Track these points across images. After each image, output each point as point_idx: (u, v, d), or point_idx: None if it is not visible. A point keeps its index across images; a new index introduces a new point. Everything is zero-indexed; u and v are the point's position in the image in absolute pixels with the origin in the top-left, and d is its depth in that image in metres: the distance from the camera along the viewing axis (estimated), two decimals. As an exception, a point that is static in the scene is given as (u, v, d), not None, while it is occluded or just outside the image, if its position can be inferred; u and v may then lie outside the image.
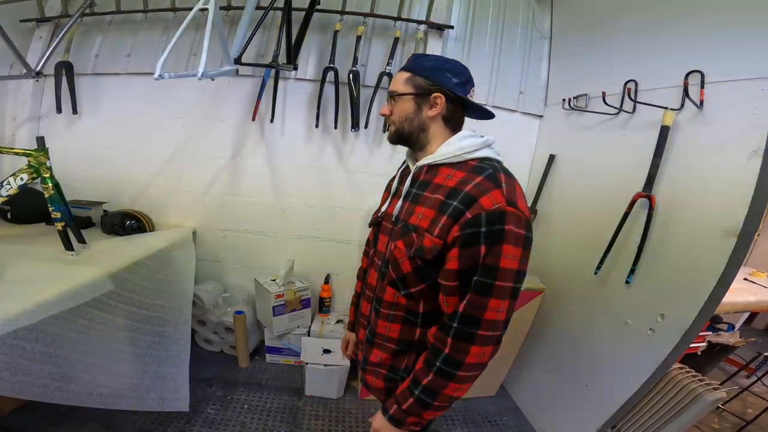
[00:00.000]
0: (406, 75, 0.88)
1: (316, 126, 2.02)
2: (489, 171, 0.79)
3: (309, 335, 2.17)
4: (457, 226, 0.75)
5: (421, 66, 0.88)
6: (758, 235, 2.80)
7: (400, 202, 0.92)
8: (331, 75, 1.94)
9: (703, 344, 1.97)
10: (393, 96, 0.90)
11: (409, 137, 0.91)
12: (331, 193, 2.18)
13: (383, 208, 1.00)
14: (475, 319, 0.75)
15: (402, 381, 0.91)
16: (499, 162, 0.85)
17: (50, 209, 1.39)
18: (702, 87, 1.22)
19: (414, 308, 0.89)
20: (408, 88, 0.87)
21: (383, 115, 0.94)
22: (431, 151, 0.89)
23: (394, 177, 1.08)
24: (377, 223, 1.02)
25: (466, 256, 0.75)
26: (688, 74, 1.26)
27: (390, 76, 1.93)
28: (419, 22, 1.95)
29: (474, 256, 0.74)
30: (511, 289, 0.75)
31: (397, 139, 0.93)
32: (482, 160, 0.83)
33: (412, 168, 0.93)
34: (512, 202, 0.74)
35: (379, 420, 0.91)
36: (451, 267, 0.77)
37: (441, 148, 0.87)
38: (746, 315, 2.79)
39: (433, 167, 0.88)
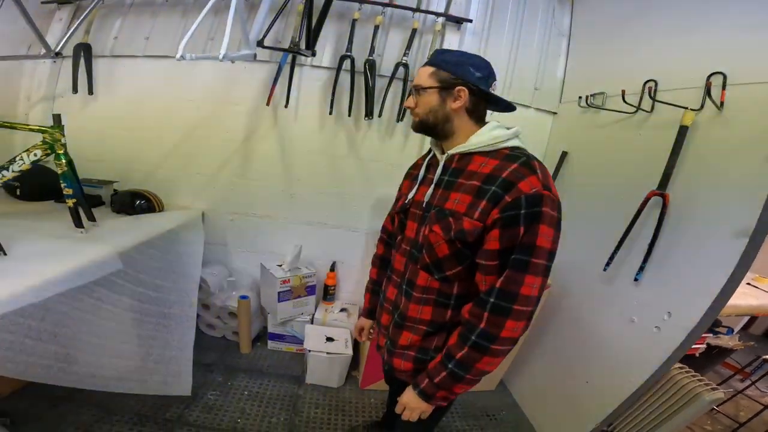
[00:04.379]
0: (430, 69, 0.93)
1: (330, 113, 2.02)
2: (523, 158, 0.84)
3: (312, 323, 2.18)
4: (497, 209, 0.80)
5: (444, 61, 0.92)
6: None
7: (431, 189, 0.97)
8: (347, 63, 1.93)
9: (703, 346, 2.00)
10: (418, 89, 0.94)
11: (434, 128, 0.96)
12: (342, 180, 2.18)
13: (410, 196, 1.03)
14: (512, 294, 0.80)
15: (432, 360, 0.96)
16: (527, 151, 0.90)
17: (62, 186, 1.38)
18: (723, 88, 1.22)
19: (447, 290, 0.95)
20: (432, 82, 0.92)
21: (408, 107, 0.98)
22: (459, 141, 0.94)
23: (416, 165, 1.13)
24: (405, 210, 1.04)
25: (507, 237, 0.80)
26: (710, 75, 1.26)
27: (406, 66, 1.92)
28: (438, 15, 1.94)
29: (513, 236, 0.79)
30: (545, 267, 0.81)
31: (420, 128, 0.99)
32: (513, 149, 0.89)
33: (440, 157, 0.97)
34: (548, 186, 0.81)
35: (408, 394, 0.96)
36: (492, 247, 0.82)
37: (472, 138, 0.92)
38: (745, 320, 2.82)
39: (466, 156, 0.93)
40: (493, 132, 0.91)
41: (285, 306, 2.09)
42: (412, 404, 0.95)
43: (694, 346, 1.91)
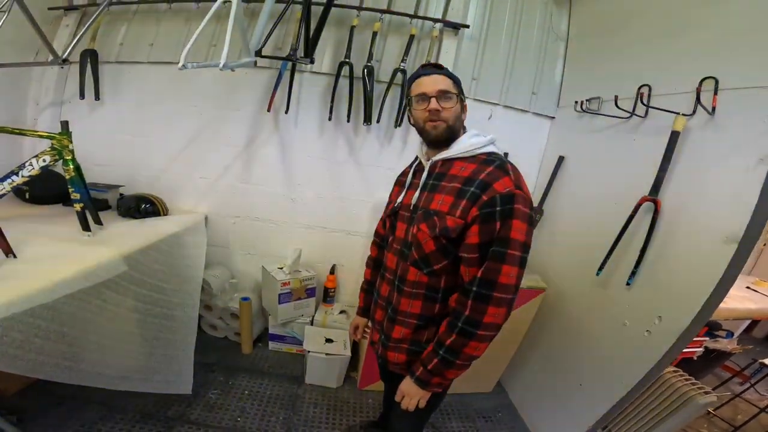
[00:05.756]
0: (449, 80, 1.00)
1: (329, 119, 2.05)
2: (498, 162, 0.94)
3: (312, 324, 2.21)
4: (476, 207, 0.89)
5: (455, 76, 1.02)
6: (765, 244, 2.82)
7: (417, 193, 1.05)
8: (346, 69, 1.96)
9: (700, 349, 1.99)
10: (446, 95, 0.98)
11: (454, 135, 1.02)
12: (341, 185, 2.21)
13: (399, 200, 1.11)
14: (491, 283, 0.88)
15: (424, 351, 1.03)
16: (502, 156, 1.00)
17: (70, 190, 1.41)
18: (715, 93, 1.23)
19: (435, 284, 1.02)
20: (456, 91, 1.00)
21: (434, 109, 0.97)
22: (444, 149, 1.02)
23: (405, 173, 1.21)
24: (394, 213, 1.12)
25: (485, 232, 0.89)
26: (702, 81, 1.27)
27: (404, 72, 1.95)
28: (435, 21, 1.96)
29: (491, 231, 0.88)
30: (520, 258, 0.89)
31: (445, 134, 1.00)
32: (489, 154, 0.99)
33: (426, 163, 1.05)
34: (519, 186, 0.90)
35: (407, 383, 1.03)
36: (473, 241, 0.90)
37: (453, 146, 1.01)
38: (746, 323, 2.81)
39: (447, 161, 1.02)
40: (472, 140, 1.00)
41: (285, 308, 2.13)
42: (411, 392, 1.02)
43: (691, 350, 1.92)
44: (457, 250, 0.95)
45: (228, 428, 1.69)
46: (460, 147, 1.00)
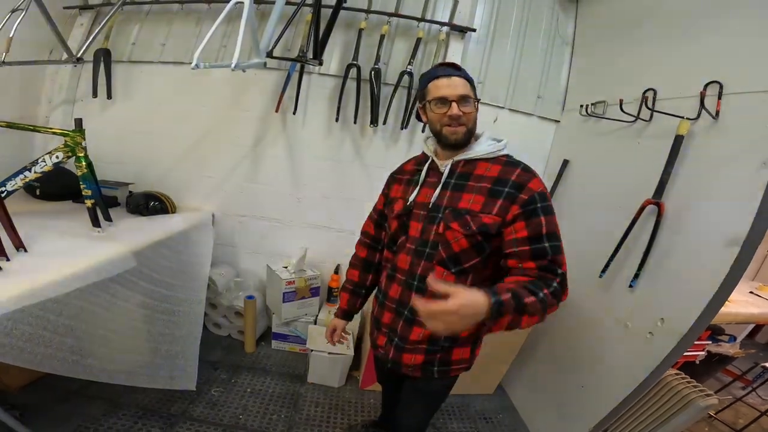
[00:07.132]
0: (467, 83, 1.00)
1: (336, 120, 2.08)
2: (522, 165, 0.99)
3: (315, 323, 2.22)
4: (516, 205, 0.93)
5: (470, 77, 1.02)
6: (769, 250, 2.80)
7: (437, 191, 1.03)
8: (353, 71, 1.99)
9: (703, 353, 2.00)
10: (467, 99, 0.98)
11: (471, 138, 1.03)
12: (346, 186, 2.24)
13: (412, 198, 1.07)
14: (561, 274, 0.93)
15: (443, 350, 1.06)
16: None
17: (82, 187, 1.44)
18: (719, 98, 1.24)
19: (462, 283, 1.00)
20: (474, 94, 1.01)
21: (456, 114, 0.96)
22: (464, 150, 1.03)
23: (403, 170, 1.18)
24: (408, 212, 1.08)
25: (532, 226, 0.92)
26: (706, 85, 1.28)
27: (410, 75, 1.97)
28: (442, 24, 1.99)
29: (537, 225, 0.92)
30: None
31: (467, 139, 1.02)
32: (508, 156, 1.03)
33: (440, 163, 1.04)
34: (545, 186, 0.97)
35: (482, 301, 0.76)
36: (522, 235, 0.93)
37: (475, 147, 1.02)
38: (750, 328, 2.81)
39: (470, 162, 1.02)
40: (490, 141, 1.03)
41: (289, 306, 2.14)
42: (474, 309, 0.76)
43: (693, 353, 1.92)
44: (490, 246, 0.98)
45: (230, 425, 1.70)
46: (483, 149, 1.01)
